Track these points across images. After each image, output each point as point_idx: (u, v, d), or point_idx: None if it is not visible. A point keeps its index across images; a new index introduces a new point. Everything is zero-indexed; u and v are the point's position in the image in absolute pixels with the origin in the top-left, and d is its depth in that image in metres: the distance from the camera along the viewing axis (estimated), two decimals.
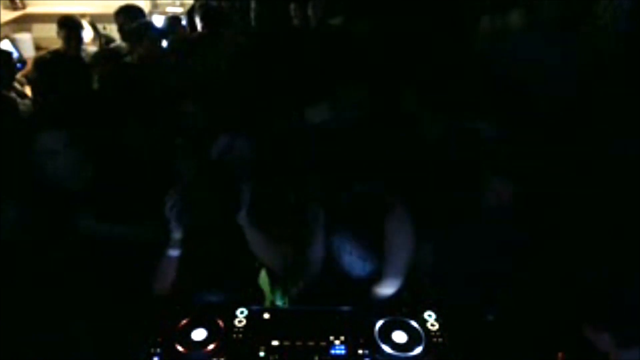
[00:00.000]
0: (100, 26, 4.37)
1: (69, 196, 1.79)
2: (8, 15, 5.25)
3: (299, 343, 1.48)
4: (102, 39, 4.18)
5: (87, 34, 4.01)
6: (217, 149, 2.19)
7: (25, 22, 5.30)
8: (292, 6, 3.50)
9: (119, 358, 1.56)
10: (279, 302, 2.05)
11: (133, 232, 1.86)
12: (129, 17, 3.65)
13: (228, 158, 2.12)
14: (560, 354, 1.47)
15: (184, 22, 4.09)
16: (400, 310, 1.57)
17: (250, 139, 2.22)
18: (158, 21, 4.12)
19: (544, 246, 1.67)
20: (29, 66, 3.68)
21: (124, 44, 3.64)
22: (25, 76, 3.44)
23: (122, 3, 3.83)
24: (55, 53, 3.51)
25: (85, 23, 3.96)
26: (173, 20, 3.96)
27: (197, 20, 3.61)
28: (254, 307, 1.60)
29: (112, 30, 4.12)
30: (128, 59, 3.35)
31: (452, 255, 1.76)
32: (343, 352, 1.46)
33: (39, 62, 3.00)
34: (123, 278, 1.74)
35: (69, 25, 3.58)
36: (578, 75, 2.38)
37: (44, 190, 1.75)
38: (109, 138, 2.11)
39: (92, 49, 3.89)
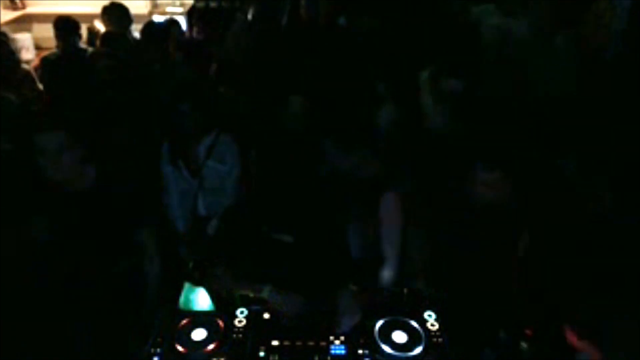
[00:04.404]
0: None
1: (71, 197, 1.79)
2: (8, 15, 5.25)
3: (299, 343, 1.48)
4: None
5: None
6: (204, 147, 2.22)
7: (25, 22, 5.30)
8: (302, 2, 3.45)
9: (119, 358, 1.56)
10: None
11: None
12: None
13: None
14: (528, 331, 1.49)
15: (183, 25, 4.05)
16: (400, 310, 1.57)
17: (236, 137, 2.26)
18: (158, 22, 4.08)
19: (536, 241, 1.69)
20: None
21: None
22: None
23: (122, 3, 3.81)
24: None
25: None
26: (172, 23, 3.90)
27: (197, 22, 3.60)
28: (254, 307, 1.60)
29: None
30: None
31: (446, 251, 1.76)
32: (343, 352, 1.46)
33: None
34: (123, 278, 1.74)
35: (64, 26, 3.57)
36: (577, 75, 2.40)
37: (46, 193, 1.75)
38: (109, 138, 2.12)
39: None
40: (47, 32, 4.24)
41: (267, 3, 3.44)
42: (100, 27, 4.05)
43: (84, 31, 3.85)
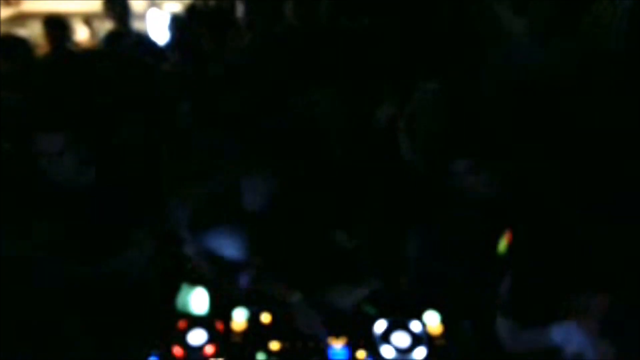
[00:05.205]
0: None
1: (71, 197, 1.77)
2: (2, 12, 5.22)
3: (299, 344, 1.47)
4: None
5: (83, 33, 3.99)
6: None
7: (20, 20, 5.26)
8: (289, 5, 3.46)
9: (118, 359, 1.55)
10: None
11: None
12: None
13: None
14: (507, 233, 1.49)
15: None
16: (401, 311, 1.56)
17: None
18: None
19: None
20: None
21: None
22: None
23: None
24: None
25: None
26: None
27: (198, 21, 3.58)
28: (253, 309, 1.58)
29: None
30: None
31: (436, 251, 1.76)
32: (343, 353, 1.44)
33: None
34: (121, 278, 1.72)
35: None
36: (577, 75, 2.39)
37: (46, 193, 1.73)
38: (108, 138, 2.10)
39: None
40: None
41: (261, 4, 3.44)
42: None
43: None
